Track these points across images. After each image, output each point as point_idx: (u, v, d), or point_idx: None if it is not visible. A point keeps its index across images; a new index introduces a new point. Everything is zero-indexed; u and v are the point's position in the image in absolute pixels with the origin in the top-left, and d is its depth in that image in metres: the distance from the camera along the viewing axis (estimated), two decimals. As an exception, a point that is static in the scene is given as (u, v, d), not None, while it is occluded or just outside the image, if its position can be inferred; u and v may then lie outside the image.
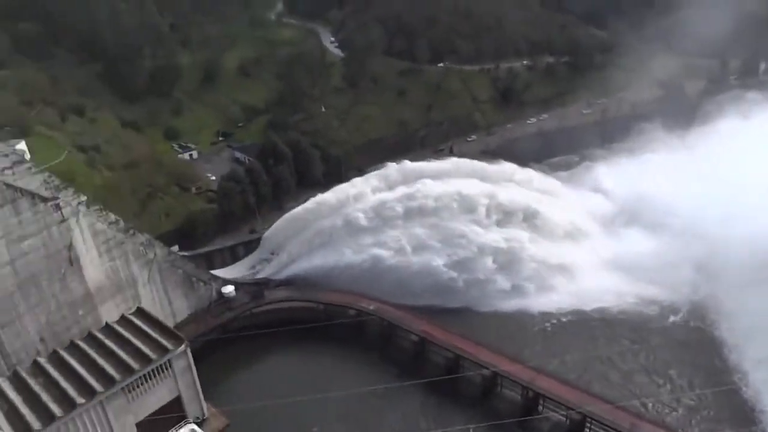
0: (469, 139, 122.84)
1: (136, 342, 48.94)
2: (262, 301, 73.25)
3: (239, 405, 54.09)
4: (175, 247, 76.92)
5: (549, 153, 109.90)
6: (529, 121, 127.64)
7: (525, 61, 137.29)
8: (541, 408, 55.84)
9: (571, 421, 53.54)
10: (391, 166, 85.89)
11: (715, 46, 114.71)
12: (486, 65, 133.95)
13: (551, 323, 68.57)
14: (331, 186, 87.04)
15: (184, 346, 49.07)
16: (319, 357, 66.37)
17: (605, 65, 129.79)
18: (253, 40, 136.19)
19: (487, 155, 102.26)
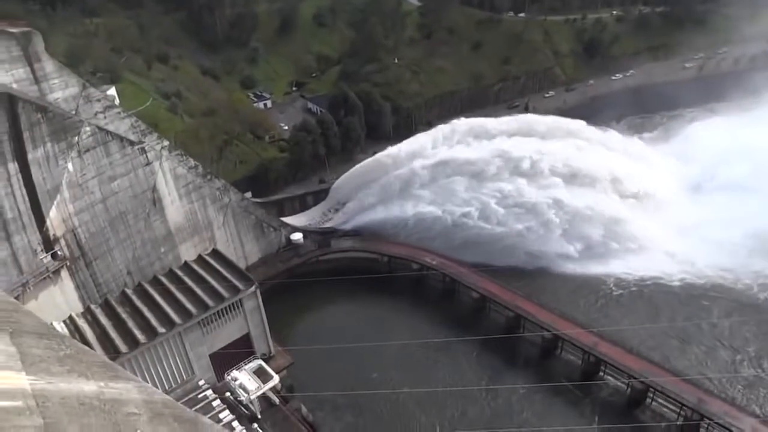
0: (547, 96, 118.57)
1: (211, 280, 50.69)
2: (328, 249, 74.70)
3: (303, 346, 55.92)
4: (248, 194, 78.47)
5: (634, 111, 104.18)
6: (615, 77, 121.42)
7: (615, 12, 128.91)
8: (602, 374, 54.71)
9: (632, 389, 52.21)
10: (456, 122, 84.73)
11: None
12: (571, 15, 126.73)
13: (621, 291, 66.41)
14: (400, 139, 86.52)
15: (254, 288, 50.46)
16: (380, 307, 67.21)
17: (706, 16, 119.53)
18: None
19: (565, 113, 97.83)
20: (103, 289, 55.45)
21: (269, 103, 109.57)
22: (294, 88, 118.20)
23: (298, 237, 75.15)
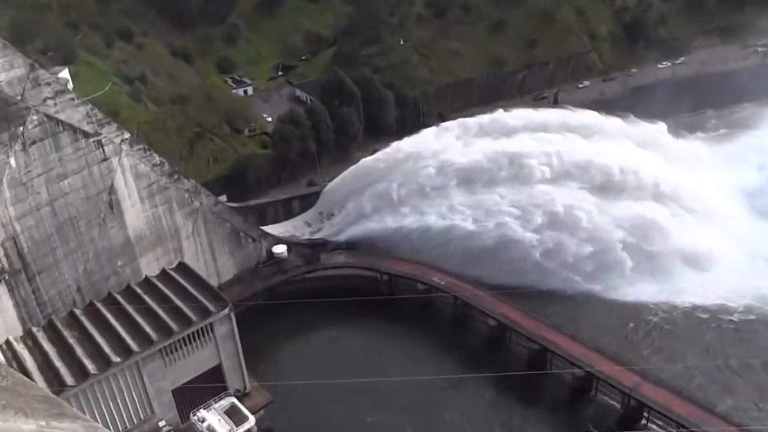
0: (581, 86, 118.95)
1: (177, 300, 51.21)
2: (318, 265, 75.60)
3: (285, 381, 55.91)
4: (223, 197, 79.39)
5: (686, 106, 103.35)
6: (661, 65, 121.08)
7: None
8: (645, 422, 54.45)
9: (682, 440, 51.69)
10: (470, 117, 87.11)
11: None
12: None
13: (670, 319, 66.43)
14: (406, 135, 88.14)
15: (227, 310, 50.95)
16: (378, 335, 68.01)
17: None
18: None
19: (602, 106, 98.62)
20: (47, 308, 55.70)
21: (250, 90, 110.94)
22: (280, 73, 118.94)
23: (281, 250, 75.80)
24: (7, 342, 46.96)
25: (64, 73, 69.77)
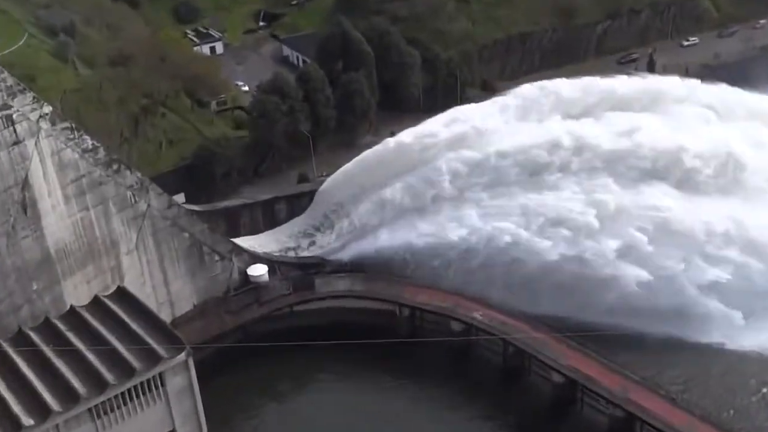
0: (686, 43, 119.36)
1: (113, 341, 50.82)
2: (311, 294, 75.41)
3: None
4: (180, 197, 79.06)
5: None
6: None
7: None
8: None
9: None
10: (528, 87, 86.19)
11: None
12: None
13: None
14: (436, 112, 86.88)
15: (184, 355, 50.78)
16: (396, 394, 67.61)
17: None
18: None
19: (715, 73, 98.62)
20: (-67, 350, 53.84)
21: (219, 48, 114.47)
22: (261, 24, 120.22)
23: (260, 272, 75.73)
24: None
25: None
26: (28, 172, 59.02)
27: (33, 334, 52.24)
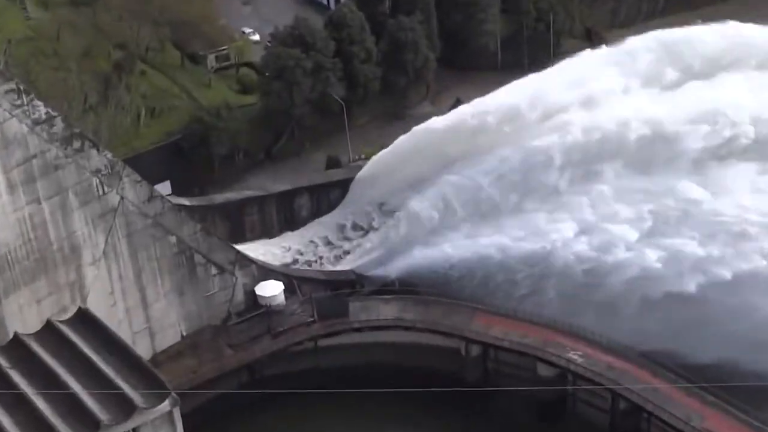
0: None
1: (71, 382, 49.13)
2: (343, 323, 68.18)
3: None
4: (166, 186, 75.68)
5: None
6: None
7: None
8: None
9: None
10: (654, 37, 79.52)
11: None
12: None
13: None
14: (520, 71, 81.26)
15: (168, 404, 48.71)
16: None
17: None
18: None
19: None
20: None
21: None
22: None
23: (273, 291, 68.88)
24: None
25: None
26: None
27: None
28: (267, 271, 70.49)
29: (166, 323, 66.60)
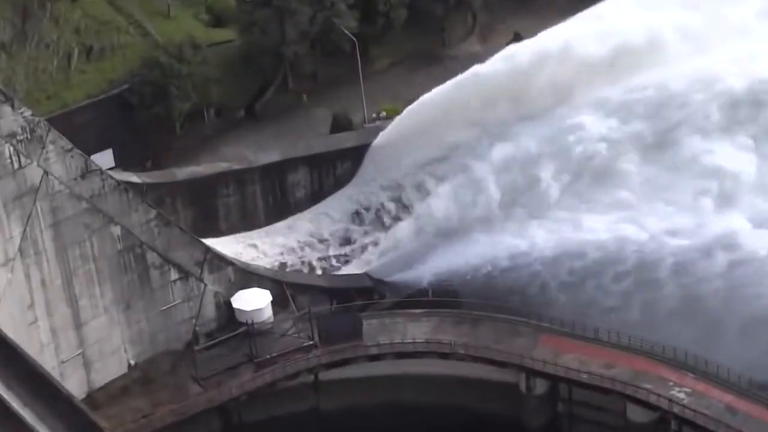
0: None
1: None
2: (354, 347, 60.39)
3: None
4: (107, 155, 69.79)
5: None
6: None
7: None
8: None
9: None
10: None
11: None
12: None
13: None
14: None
15: None
16: None
17: None
18: None
19: None
20: None
21: None
22: None
23: (257, 303, 61.42)
24: None
25: None
26: None
27: None
28: (248, 276, 62.56)
29: (108, 349, 58.63)
